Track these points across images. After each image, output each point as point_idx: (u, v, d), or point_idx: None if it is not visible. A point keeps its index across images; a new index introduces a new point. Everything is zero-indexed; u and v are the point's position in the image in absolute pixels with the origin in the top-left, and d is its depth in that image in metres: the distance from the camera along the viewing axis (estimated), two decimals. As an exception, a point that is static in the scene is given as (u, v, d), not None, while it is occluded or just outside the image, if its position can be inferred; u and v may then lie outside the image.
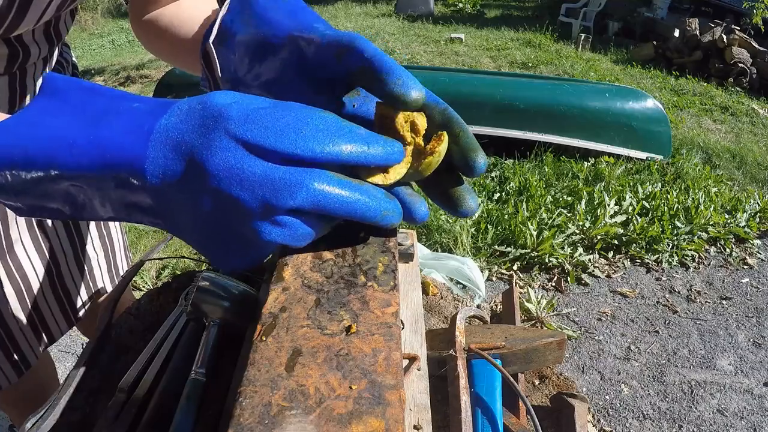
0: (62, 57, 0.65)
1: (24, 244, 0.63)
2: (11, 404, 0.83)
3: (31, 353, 0.69)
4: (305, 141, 0.29)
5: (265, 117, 0.30)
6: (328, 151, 0.30)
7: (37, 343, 0.69)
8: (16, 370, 0.67)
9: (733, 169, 3.37)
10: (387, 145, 0.32)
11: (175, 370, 0.44)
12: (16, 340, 0.66)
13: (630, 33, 6.61)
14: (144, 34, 0.60)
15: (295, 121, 0.30)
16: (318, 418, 0.25)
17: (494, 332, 0.64)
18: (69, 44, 0.70)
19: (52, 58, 0.60)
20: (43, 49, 0.55)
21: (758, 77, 4.95)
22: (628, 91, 3.24)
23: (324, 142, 0.30)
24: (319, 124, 0.30)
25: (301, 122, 0.30)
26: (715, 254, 2.54)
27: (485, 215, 2.58)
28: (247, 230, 0.30)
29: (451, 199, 0.36)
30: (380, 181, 0.33)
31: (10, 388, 0.68)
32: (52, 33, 0.55)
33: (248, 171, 0.29)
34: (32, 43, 0.53)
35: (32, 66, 0.55)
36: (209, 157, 0.29)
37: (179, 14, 0.56)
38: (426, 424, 0.45)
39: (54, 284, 0.69)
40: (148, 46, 0.61)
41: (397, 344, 0.29)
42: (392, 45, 5.71)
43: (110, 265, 0.80)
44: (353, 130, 0.31)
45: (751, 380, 1.85)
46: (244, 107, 0.30)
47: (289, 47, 0.39)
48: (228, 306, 0.44)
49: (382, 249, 0.36)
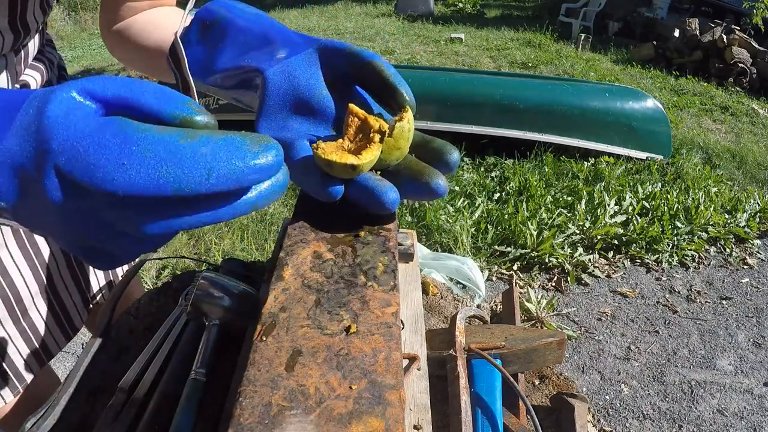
0: (44, 56, 0.63)
1: (10, 250, 0.60)
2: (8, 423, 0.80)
3: (27, 369, 0.65)
4: (127, 181, 0.26)
5: (88, 148, 0.26)
6: (155, 191, 0.26)
7: (33, 359, 0.66)
8: (12, 389, 0.64)
9: (733, 169, 3.37)
10: (246, 155, 0.27)
11: (175, 370, 0.44)
12: (9, 355, 0.63)
13: (630, 33, 6.61)
14: (114, 43, 0.60)
15: (117, 151, 0.26)
16: (318, 418, 0.25)
17: (494, 332, 0.64)
18: (53, 44, 0.68)
19: (23, 53, 0.58)
20: (8, 40, 0.53)
21: (758, 77, 4.94)
22: (628, 91, 3.24)
23: (149, 180, 0.26)
24: (145, 154, 0.26)
25: (122, 153, 0.26)
26: (715, 254, 2.54)
27: (485, 215, 2.58)
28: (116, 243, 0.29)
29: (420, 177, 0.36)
30: (354, 161, 0.34)
31: (6, 407, 0.65)
32: (18, 23, 0.53)
33: (76, 215, 0.27)
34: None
35: (2, 58, 0.54)
36: (44, 192, 0.27)
37: (149, 24, 0.57)
38: (426, 424, 0.45)
39: (47, 295, 0.66)
40: (118, 55, 0.61)
41: (397, 344, 0.29)
42: (392, 45, 5.70)
43: (106, 271, 0.78)
44: (196, 149, 0.26)
45: (751, 380, 1.85)
46: (72, 131, 0.27)
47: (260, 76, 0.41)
48: (228, 306, 0.44)
49: (382, 249, 0.36)
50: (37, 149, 0.27)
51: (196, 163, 0.26)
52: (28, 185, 0.27)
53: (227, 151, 0.27)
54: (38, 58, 0.62)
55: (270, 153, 0.28)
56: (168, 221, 0.27)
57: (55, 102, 0.28)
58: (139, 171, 0.26)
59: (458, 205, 2.64)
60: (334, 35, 6.27)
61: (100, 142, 0.26)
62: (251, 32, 0.44)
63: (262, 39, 0.43)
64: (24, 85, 0.58)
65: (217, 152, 0.26)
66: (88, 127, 0.27)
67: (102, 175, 0.26)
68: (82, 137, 0.27)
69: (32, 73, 0.60)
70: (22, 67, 0.58)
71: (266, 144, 0.28)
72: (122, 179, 0.26)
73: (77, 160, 0.26)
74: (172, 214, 0.27)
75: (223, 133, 0.28)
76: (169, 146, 0.26)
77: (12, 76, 0.56)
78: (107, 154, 0.26)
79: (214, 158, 0.26)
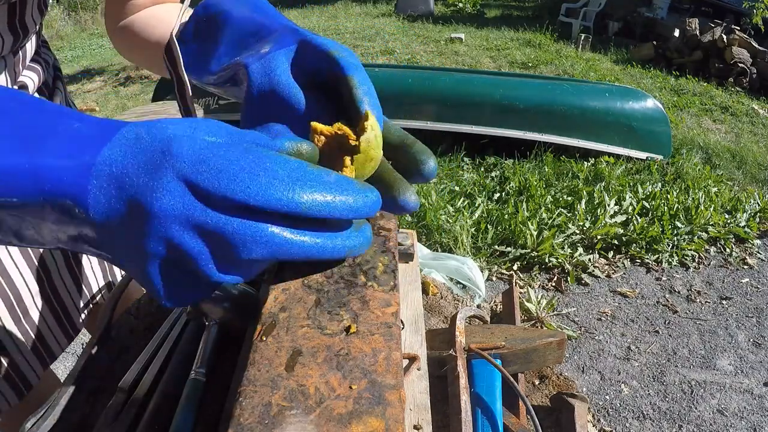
0: (40, 56, 0.63)
1: (9, 250, 0.60)
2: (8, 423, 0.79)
3: (31, 371, 0.65)
4: (261, 189, 0.27)
5: (218, 158, 0.27)
6: (286, 202, 0.27)
7: (37, 361, 0.66)
8: (17, 391, 0.64)
9: (733, 169, 3.37)
10: (360, 194, 0.29)
11: (175, 370, 0.44)
12: (11, 356, 0.62)
13: (630, 33, 6.61)
14: (119, 41, 0.60)
15: (252, 165, 0.27)
16: (318, 418, 0.25)
17: (494, 332, 0.64)
18: (48, 44, 0.68)
19: (21, 54, 0.58)
20: (7, 42, 0.53)
21: (758, 77, 4.94)
22: (628, 91, 3.24)
23: (282, 191, 0.27)
24: (277, 170, 0.28)
25: (258, 167, 0.27)
26: (715, 254, 2.54)
27: (485, 215, 2.58)
28: (197, 272, 0.28)
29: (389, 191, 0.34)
30: None
31: (11, 411, 0.65)
32: (17, 25, 0.53)
33: (199, 221, 0.26)
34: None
35: (1, 60, 0.54)
36: (154, 202, 0.26)
37: (152, 19, 0.57)
38: (426, 424, 0.45)
39: (47, 295, 0.66)
40: (123, 52, 0.62)
41: (397, 344, 0.29)
42: (392, 45, 5.71)
43: (105, 271, 0.78)
44: (320, 176, 0.29)
45: (751, 380, 1.85)
46: (197, 143, 0.27)
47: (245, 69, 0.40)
48: (228, 306, 0.44)
49: (382, 249, 0.36)
50: (152, 156, 0.27)
51: (324, 186, 0.28)
52: (134, 206, 0.27)
53: (346, 182, 0.29)
54: (35, 59, 0.62)
55: (374, 193, 0.30)
56: (276, 246, 0.28)
57: (170, 122, 0.29)
58: (274, 184, 0.27)
59: (458, 205, 2.64)
60: (334, 35, 6.27)
61: (230, 157, 0.27)
62: (245, 26, 0.43)
63: (255, 33, 0.42)
64: (22, 86, 0.58)
65: (340, 181, 0.29)
66: (215, 145, 0.28)
67: (234, 185, 0.26)
68: (210, 149, 0.27)
69: (29, 74, 0.60)
70: (20, 68, 0.58)
71: (369, 187, 0.31)
72: (257, 188, 0.27)
73: (206, 170, 0.27)
74: (284, 240, 0.28)
75: (335, 171, 0.30)
76: (300, 169, 0.28)
77: (11, 77, 0.56)
78: (240, 166, 0.27)
79: (338, 186, 0.29)
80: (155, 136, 0.28)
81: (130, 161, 0.27)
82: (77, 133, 0.28)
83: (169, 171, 0.26)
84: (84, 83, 5.25)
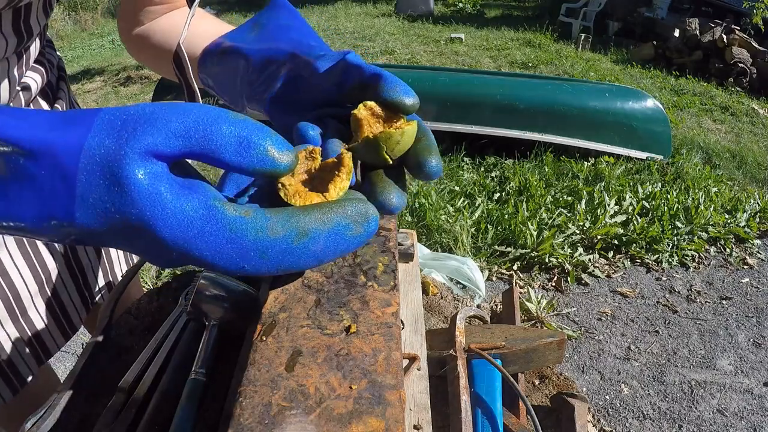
0: (44, 57, 0.63)
1: (9, 250, 0.60)
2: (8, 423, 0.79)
3: (26, 368, 0.65)
4: (245, 269, 0.27)
5: (193, 239, 0.26)
6: (270, 272, 0.28)
7: (32, 358, 0.66)
8: (11, 387, 0.64)
9: (733, 169, 3.37)
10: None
11: (175, 370, 0.44)
12: (6, 353, 0.63)
13: (630, 33, 6.61)
14: (136, 48, 0.61)
15: (236, 249, 0.27)
16: (318, 418, 0.25)
17: (494, 332, 0.65)
18: (53, 44, 0.68)
19: (27, 56, 0.58)
20: (11, 43, 0.53)
21: (758, 77, 4.94)
22: (628, 91, 3.24)
23: (269, 269, 0.28)
24: (263, 254, 0.27)
25: (242, 254, 0.27)
26: (715, 254, 2.54)
27: (485, 215, 2.58)
28: None
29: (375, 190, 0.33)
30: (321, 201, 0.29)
31: (8, 409, 0.65)
32: (22, 27, 0.53)
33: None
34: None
35: (4, 61, 0.54)
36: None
37: (175, 27, 0.58)
38: (426, 424, 0.45)
39: (46, 295, 0.66)
40: (141, 58, 0.62)
41: (397, 344, 0.29)
42: (392, 45, 5.71)
43: (106, 271, 0.78)
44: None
45: (751, 380, 1.85)
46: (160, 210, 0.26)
47: (289, 65, 0.41)
48: (228, 306, 0.44)
49: (382, 249, 0.36)
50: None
51: (310, 257, 0.28)
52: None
53: (335, 243, 0.28)
54: (38, 60, 0.62)
55: (372, 227, 0.29)
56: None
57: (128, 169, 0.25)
58: (259, 266, 0.27)
59: (458, 205, 2.64)
60: (334, 35, 6.28)
61: (203, 231, 0.26)
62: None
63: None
64: (25, 88, 0.58)
65: (328, 247, 0.28)
66: (180, 211, 0.26)
67: (215, 261, 0.27)
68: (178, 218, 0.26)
69: (33, 75, 0.60)
70: (23, 70, 0.58)
71: (368, 222, 0.29)
72: (239, 269, 0.27)
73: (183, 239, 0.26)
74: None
75: (329, 219, 0.28)
76: (284, 248, 0.27)
77: (14, 79, 0.56)
78: (216, 247, 0.26)
79: (325, 252, 0.28)
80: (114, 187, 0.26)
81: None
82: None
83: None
84: (84, 83, 5.25)
